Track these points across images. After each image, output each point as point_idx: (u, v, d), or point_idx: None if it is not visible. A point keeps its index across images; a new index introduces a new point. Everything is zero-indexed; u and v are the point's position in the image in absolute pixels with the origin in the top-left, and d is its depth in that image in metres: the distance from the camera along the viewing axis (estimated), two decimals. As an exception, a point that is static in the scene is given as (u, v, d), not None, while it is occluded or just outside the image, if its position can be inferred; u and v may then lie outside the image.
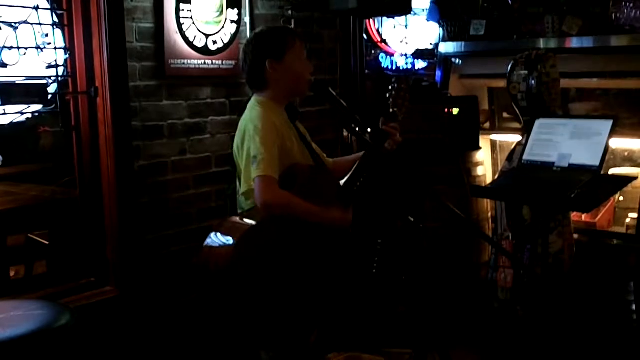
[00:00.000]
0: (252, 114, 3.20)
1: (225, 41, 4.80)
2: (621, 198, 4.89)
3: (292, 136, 3.25)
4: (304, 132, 3.42)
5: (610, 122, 4.15)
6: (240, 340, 3.26)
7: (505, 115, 5.67)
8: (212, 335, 4.41)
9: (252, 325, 3.02)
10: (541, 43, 5.15)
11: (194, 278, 3.16)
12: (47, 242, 5.18)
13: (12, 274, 5.06)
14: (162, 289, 4.53)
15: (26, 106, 4.03)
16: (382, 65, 6.80)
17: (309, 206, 3.04)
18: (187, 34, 4.56)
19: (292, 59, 3.20)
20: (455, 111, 5.22)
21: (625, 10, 5.00)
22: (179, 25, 4.50)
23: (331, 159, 3.61)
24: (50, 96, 4.13)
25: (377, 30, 6.79)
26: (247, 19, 4.98)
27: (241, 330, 3.08)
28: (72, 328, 3.20)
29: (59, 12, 4.20)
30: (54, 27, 4.15)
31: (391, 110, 3.35)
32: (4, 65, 3.84)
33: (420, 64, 6.96)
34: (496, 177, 5.02)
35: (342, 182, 3.23)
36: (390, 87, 3.40)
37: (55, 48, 4.14)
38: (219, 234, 3.08)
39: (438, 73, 5.96)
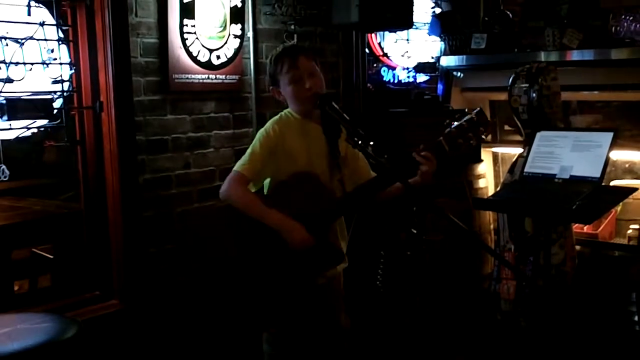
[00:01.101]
0: (270, 120, 3.41)
1: (229, 56, 4.84)
2: (623, 209, 4.91)
3: (313, 148, 3.32)
4: (346, 148, 3.38)
5: (611, 135, 4.18)
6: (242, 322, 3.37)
7: (506, 127, 5.69)
8: (214, 338, 4.44)
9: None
10: (542, 56, 5.17)
11: None
12: (51, 256, 5.20)
13: (16, 288, 5.07)
14: (167, 302, 4.55)
15: (32, 121, 4.06)
16: (384, 78, 6.83)
17: (257, 204, 3.21)
18: (191, 49, 4.60)
19: (284, 83, 3.32)
20: (458, 115, 5.23)
21: (625, 24, 5.02)
22: (183, 40, 4.54)
23: None
24: (55, 111, 4.15)
25: (379, 44, 6.83)
26: (250, 34, 5.02)
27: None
28: (78, 340, 3.22)
29: (64, 27, 4.23)
30: (60, 42, 4.17)
31: (441, 139, 3.11)
32: (10, 81, 3.86)
33: (421, 78, 6.99)
34: (498, 189, 5.03)
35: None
36: (460, 116, 3.17)
37: (61, 63, 4.17)
38: None
39: (440, 86, 5.98)
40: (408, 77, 6.94)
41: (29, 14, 3.97)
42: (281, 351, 3.41)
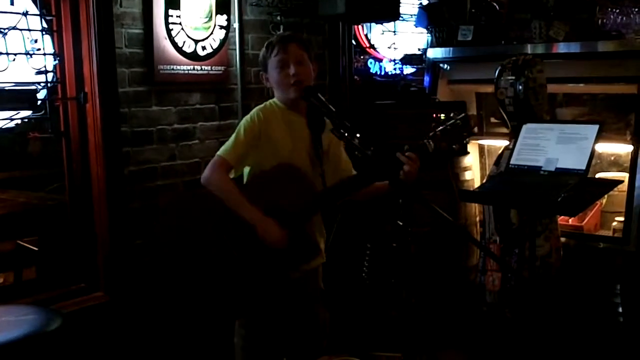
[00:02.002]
0: (257, 107, 3.39)
1: (215, 47, 4.82)
2: (608, 202, 4.93)
3: (298, 141, 3.30)
4: (329, 142, 3.40)
5: (596, 127, 4.18)
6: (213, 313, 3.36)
7: (493, 120, 5.69)
8: (199, 330, 4.43)
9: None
10: (529, 48, 5.17)
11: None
12: (36, 249, 5.18)
13: (0, 280, 5.05)
14: (152, 294, 4.53)
15: (15, 112, 4.03)
16: (371, 70, 6.82)
17: (235, 194, 3.18)
18: (176, 39, 4.57)
19: (271, 67, 3.31)
20: (443, 116, 5.23)
21: (612, 16, 5.03)
22: (168, 31, 4.52)
23: None
24: (39, 102, 4.13)
25: (366, 36, 6.81)
26: (236, 25, 4.99)
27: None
28: (63, 332, 3.21)
29: (48, 17, 4.20)
30: (43, 32, 4.15)
31: (425, 141, 3.17)
32: (-7, 71, 3.85)
33: (408, 70, 6.98)
34: (484, 181, 5.04)
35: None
36: (445, 117, 3.26)
37: (45, 54, 4.14)
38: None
39: (426, 78, 5.99)
40: (395, 69, 6.93)
41: (12, 4, 3.95)
42: (251, 344, 3.40)
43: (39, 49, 4.10)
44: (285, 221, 3.14)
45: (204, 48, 4.75)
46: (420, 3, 6.82)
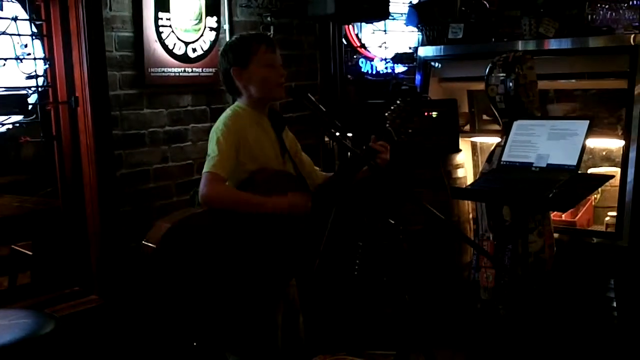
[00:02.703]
0: (220, 118, 3.31)
1: (205, 49, 4.82)
2: (600, 197, 4.93)
3: (268, 142, 3.29)
4: (292, 142, 3.46)
5: (587, 123, 4.21)
6: (206, 343, 3.31)
7: (484, 117, 5.70)
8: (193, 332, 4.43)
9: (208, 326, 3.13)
10: (519, 45, 5.18)
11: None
12: (30, 253, 5.17)
13: (-5, 285, 5.05)
14: (146, 297, 4.53)
15: (6, 117, 4.03)
16: (362, 70, 6.83)
17: (248, 197, 3.11)
18: (167, 42, 4.58)
19: (256, 65, 3.25)
20: (435, 114, 5.24)
21: (601, 12, 5.04)
22: (158, 33, 4.52)
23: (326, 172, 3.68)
24: (30, 106, 4.13)
25: (357, 36, 6.83)
26: (226, 27, 5.00)
27: (201, 332, 3.15)
28: (56, 336, 3.21)
29: (37, 22, 4.21)
30: (33, 37, 4.16)
31: (387, 126, 3.24)
32: (-16, 77, 3.85)
33: (399, 68, 6.99)
34: (476, 178, 5.05)
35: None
36: (394, 105, 3.29)
37: (35, 58, 4.15)
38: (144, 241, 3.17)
39: (417, 77, 5.98)
40: (386, 68, 6.95)
41: (1, 9, 3.97)
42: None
43: (29, 54, 4.11)
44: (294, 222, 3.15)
45: (194, 50, 4.76)
46: (411, 2, 6.83)
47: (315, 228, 3.22)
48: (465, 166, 5.41)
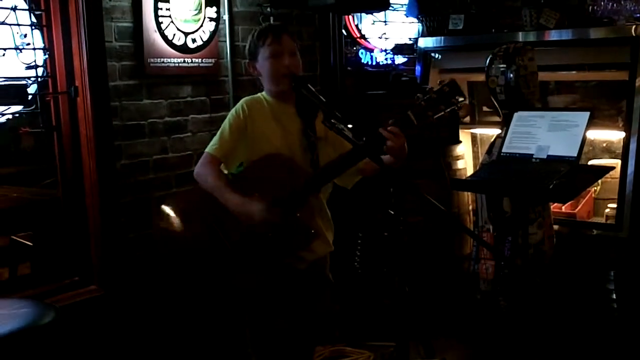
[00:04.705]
0: (245, 98, 3.36)
1: (205, 39, 4.81)
2: (601, 189, 4.93)
3: (280, 133, 3.27)
4: (325, 129, 3.28)
5: (587, 114, 4.21)
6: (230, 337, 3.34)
7: (485, 108, 5.70)
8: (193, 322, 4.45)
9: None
10: (520, 36, 5.17)
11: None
12: (30, 244, 5.17)
13: (-5, 276, 5.05)
14: (146, 287, 4.53)
15: (6, 107, 4.03)
16: (362, 61, 6.80)
17: (220, 185, 3.16)
18: (166, 32, 4.56)
19: (262, 58, 3.26)
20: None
21: (602, 3, 5.03)
22: (158, 24, 4.51)
23: None
24: (30, 97, 4.12)
25: (356, 26, 6.79)
26: (225, 17, 4.99)
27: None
28: (56, 325, 3.22)
29: (37, 12, 4.19)
30: (33, 27, 4.14)
31: (409, 112, 3.00)
32: (-17, 67, 3.84)
33: (399, 60, 6.97)
34: (476, 170, 5.05)
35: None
36: (431, 89, 3.01)
37: (34, 49, 4.14)
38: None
39: (418, 68, 5.99)
40: (386, 59, 6.92)
41: (1, -1, 3.94)
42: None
43: (28, 44, 4.10)
44: (276, 206, 3.12)
45: (194, 40, 4.74)
46: (411, -7, 6.82)
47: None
48: (465, 158, 5.41)
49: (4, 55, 3.94)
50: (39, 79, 4.20)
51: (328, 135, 3.32)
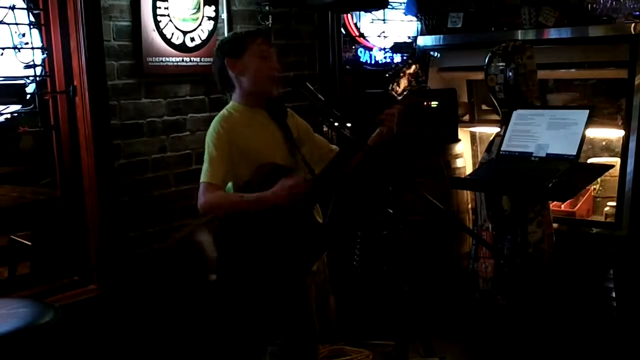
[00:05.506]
0: (213, 121, 3.31)
1: (203, 38, 4.80)
2: (600, 187, 4.93)
3: (268, 136, 3.27)
4: (301, 126, 3.43)
5: (586, 112, 4.21)
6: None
7: (484, 107, 5.69)
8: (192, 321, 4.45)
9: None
10: (519, 34, 5.16)
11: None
12: (30, 243, 5.17)
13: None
14: (145, 286, 4.53)
15: (4, 107, 4.02)
16: (361, 59, 6.81)
17: (236, 198, 3.16)
18: (165, 31, 4.56)
19: (251, 55, 3.24)
20: (434, 104, 5.22)
21: (601, 1, 5.02)
22: (156, 22, 4.50)
23: None
24: (28, 96, 4.12)
25: (355, 25, 6.81)
26: (224, 16, 4.98)
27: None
28: (56, 325, 3.22)
29: (35, 11, 4.19)
30: (31, 26, 4.14)
31: (390, 89, 3.23)
32: (-19, 66, 3.84)
33: (398, 58, 6.97)
34: (475, 168, 5.04)
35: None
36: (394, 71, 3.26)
37: (33, 48, 4.13)
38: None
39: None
40: (385, 57, 6.92)
41: (-1, -2, 3.93)
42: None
43: (27, 43, 4.09)
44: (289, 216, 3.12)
45: (192, 39, 4.74)
46: (410, -9, 6.81)
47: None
48: (464, 156, 5.40)
49: (2, 54, 3.94)
50: (38, 78, 4.19)
51: (300, 132, 3.35)
